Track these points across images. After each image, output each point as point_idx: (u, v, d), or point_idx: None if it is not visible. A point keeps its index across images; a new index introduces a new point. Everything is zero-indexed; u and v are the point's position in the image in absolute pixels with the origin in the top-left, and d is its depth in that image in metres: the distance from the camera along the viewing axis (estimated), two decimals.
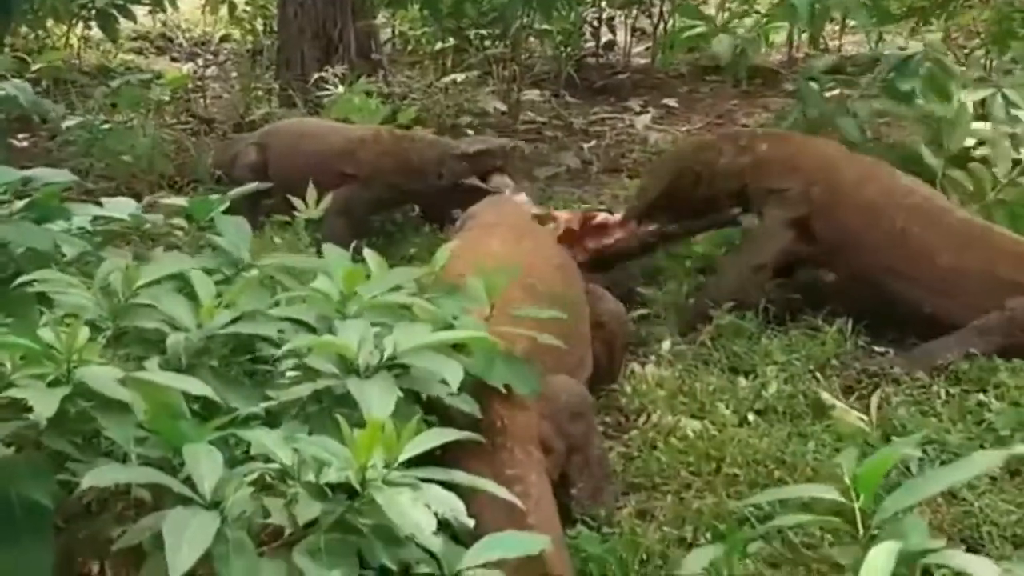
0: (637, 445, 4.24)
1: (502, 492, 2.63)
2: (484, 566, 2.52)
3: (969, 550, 3.45)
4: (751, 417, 4.40)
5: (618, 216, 5.62)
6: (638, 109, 9.19)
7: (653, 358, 4.93)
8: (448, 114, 8.27)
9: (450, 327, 2.95)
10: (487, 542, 2.56)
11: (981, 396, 4.45)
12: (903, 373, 4.62)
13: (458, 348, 2.94)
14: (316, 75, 8.41)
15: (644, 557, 3.59)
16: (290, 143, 6.74)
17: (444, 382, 2.70)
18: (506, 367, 2.98)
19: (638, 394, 4.55)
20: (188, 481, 2.36)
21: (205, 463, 2.34)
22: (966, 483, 3.85)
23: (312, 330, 2.90)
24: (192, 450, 2.36)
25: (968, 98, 6.09)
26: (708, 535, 3.71)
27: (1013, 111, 5.99)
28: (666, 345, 5.06)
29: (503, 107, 8.41)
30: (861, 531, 2.09)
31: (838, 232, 5.17)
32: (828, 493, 2.16)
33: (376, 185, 6.38)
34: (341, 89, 7.76)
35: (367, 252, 3.40)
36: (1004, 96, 6.04)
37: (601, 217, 5.58)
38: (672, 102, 9.38)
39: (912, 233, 5.02)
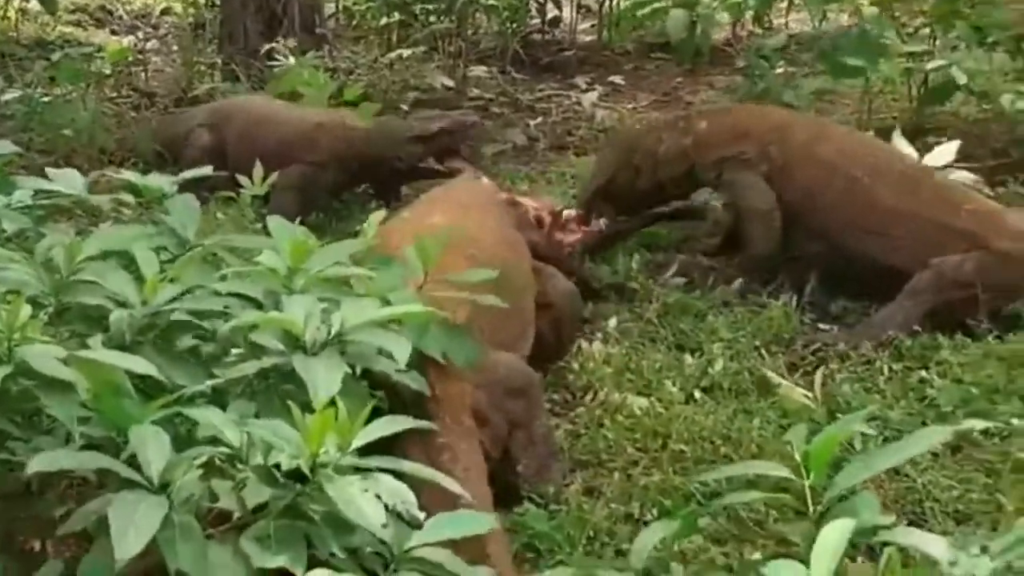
0: (584, 422, 4.25)
1: (444, 480, 2.61)
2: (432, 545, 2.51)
3: (912, 525, 3.49)
4: (697, 394, 4.43)
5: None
6: (584, 86, 9.17)
7: (600, 335, 4.93)
8: (394, 90, 8.20)
9: (386, 299, 2.92)
10: (434, 523, 2.55)
11: (923, 373, 4.50)
12: (848, 348, 4.67)
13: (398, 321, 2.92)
14: (266, 47, 8.30)
15: (591, 534, 3.61)
16: (246, 129, 6.64)
17: (391, 358, 2.69)
18: (442, 336, 2.97)
19: (585, 371, 4.55)
20: (134, 462, 2.32)
21: (152, 445, 2.31)
22: (909, 459, 3.91)
23: (259, 306, 2.87)
24: (139, 432, 2.32)
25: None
26: (655, 511, 3.73)
27: None
28: (612, 322, 5.06)
29: (450, 83, 8.35)
30: (811, 508, 2.10)
31: (797, 191, 5.25)
32: (778, 470, 2.17)
33: (335, 170, 6.37)
34: (292, 61, 7.65)
35: (302, 229, 3.37)
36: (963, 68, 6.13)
37: (567, 213, 5.56)
38: (618, 79, 9.36)
39: (869, 186, 5.09)
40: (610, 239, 5.70)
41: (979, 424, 2.83)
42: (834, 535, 1.69)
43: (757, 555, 3.46)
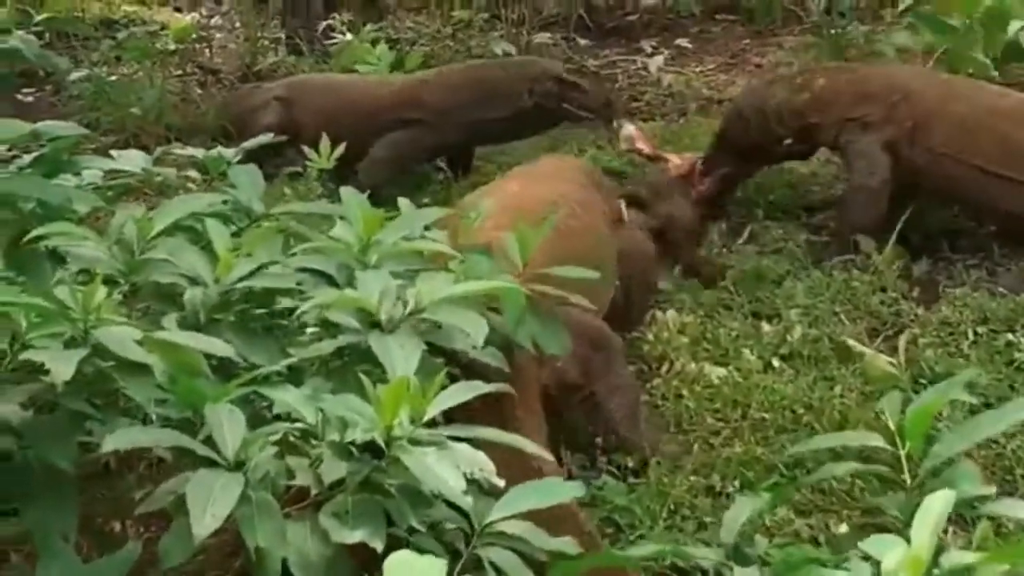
0: (661, 393, 4.18)
1: (526, 444, 2.55)
2: (513, 518, 2.46)
3: (1003, 495, 3.39)
4: (776, 362, 4.34)
5: None
6: (650, 51, 9.05)
7: (674, 304, 4.84)
8: (458, 59, 8.13)
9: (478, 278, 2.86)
10: (515, 493, 2.50)
11: (1010, 336, 4.38)
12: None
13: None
14: (323, 23, 8.27)
15: (672, 507, 3.54)
16: (326, 99, 6.60)
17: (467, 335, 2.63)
18: (535, 323, 2.90)
19: (660, 341, 4.47)
20: (210, 441, 2.29)
21: (227, 424, 2.27)
22: None
23: (332, 281, 2.82)
24: (214, 411, 2.29)
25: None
26: (736, 483, 3.66)
27: None
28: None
29: (513, 50, 8.27)
30: (908, 479, 2.02)
31: (929, 151, 5.11)
32: (872, 439, 2.08)
33: (446, 126, 6.28)
34: (349, 36, 7.62)
35: (400, 200, 3.32)
36: None
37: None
38: (684, 42, 9.22)
39: (1016, 136, 4.97)
40: (726, 185, 5.69)
41: None
42: (936, 507, 1.61)
43: (844, 527, 3.38)
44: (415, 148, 6.28)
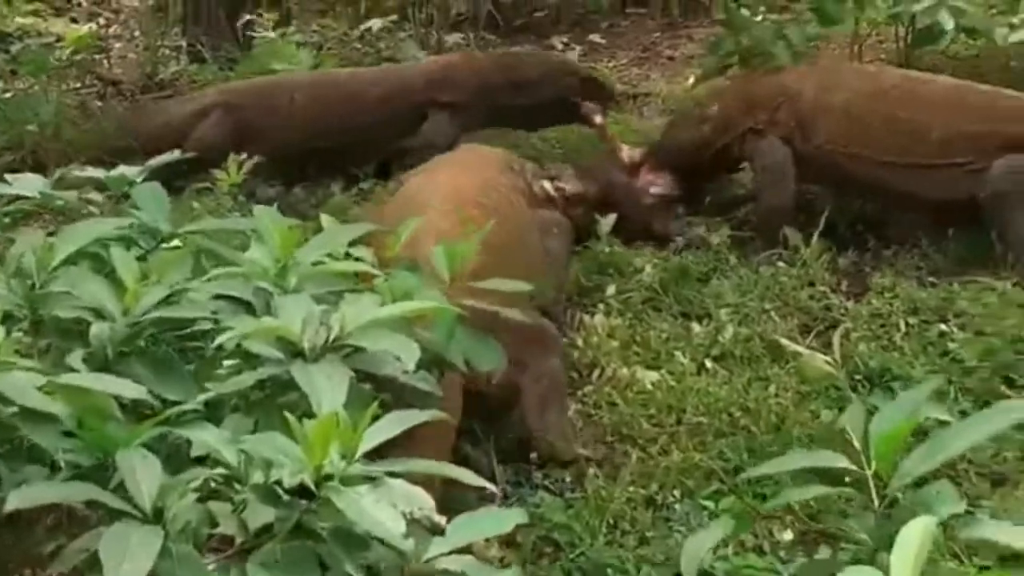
0: (594, 401, 4.08)
1: (468, 477, 2.41)
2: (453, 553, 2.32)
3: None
4: (708, 364, 4.26)
5: None
6: (562, 46, 8.92)
7: (601, 306, 4.73)
8: (368, 62, 7.94)
9: (396, 296, 2.72)
10: (457, 525, 2.36)
11: (942, 326, 4.34)
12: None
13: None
14: (246, 18, 8.04)
15: (611, 521, 3.43)
16: (317, 99, 6.43)
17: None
18: (467, 340, 2.76)
19: (590, 346, 4.37)
20: (124, 490, 2.12)
21: (141, 471, 2.10)
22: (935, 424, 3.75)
23: (249, 307, 2.66)
24: (126, 457, 2.12)
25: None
26: (676, 492, 3.56)
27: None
28: (611, 290, 4.86)
29: (422, 54, 8.10)
30: (876, 500, 1.91)
31: (818, 148, 5.18)
32: (837, 460, 1.98)
33: (476, 109, 6.21)
34: (273, 35, 7.38)
35: (323, 216, 3.18)
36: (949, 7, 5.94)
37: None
38: (596, 37, 9.11)
39: (901, 116, 5.02)
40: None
41: None
42: (916, 538, 1.51)
43: (788, 534, 3.30)
44: (441, 135, 6.14)
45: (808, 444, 3.64)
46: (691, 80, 7.41)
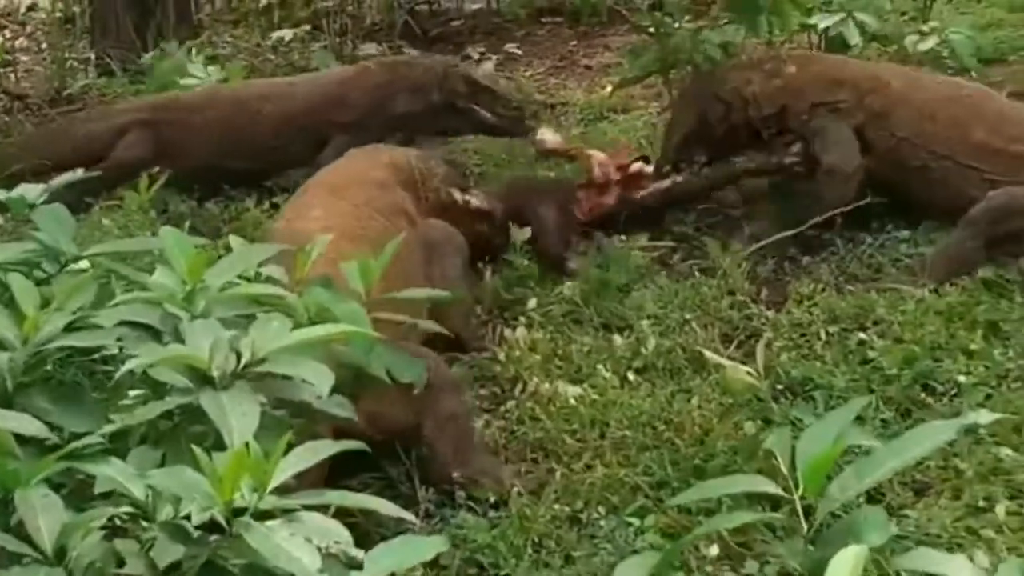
0: (516, 416, 4.01)
1: (387, 508, 2.33)
2: None
3: (870, 501, 3.32)
4: (631, 376, 4.21)
5: (650, 168, 5.59)
6: (478, 56, 8.88)
7: (522, 319, 4.68)
8: (281, 74, 7.82)
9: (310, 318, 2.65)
10: (374, 557, 2.28)
11: (861, 334, 4.33)
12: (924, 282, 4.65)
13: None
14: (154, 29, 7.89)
15: (536, 540, 3.37)
16: (230, 113, 6.24)
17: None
18: (387, 353, 2.69)
19: (512, 361, 4.31)
20: (24, 531, 2.02)
21: (41, 510, 2.01)
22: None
23: (156, 334, 2.56)
24: (25, 496, 2.02)
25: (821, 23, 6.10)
26: (601, 509, 3.51)
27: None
28: (532, 303, 4.80)
29: (337, 65, 7.99)
30: (804, 525, 1.87)
31: (892, 138, 5.19)
32: (763, 485, 1.93)
33: (375, 124, 6.00)
34: (179, 54, 7.23)
35: (231, 238, 3.09)
36: (855, 20, 5.99)
37: (636, 167, 5.52)
38: (512, 47, 9.08)
39: (971, 125, 5.09)
40: (684, 195, 5.61)
41: (984, 417, 2.53)
42: (846, 566, 1.46)
43: (715, 549, 3.25)
44: None
45: (732, 457, 3.62)
46: (608, 88, 7.43)
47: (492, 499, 3.53)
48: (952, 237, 4.82)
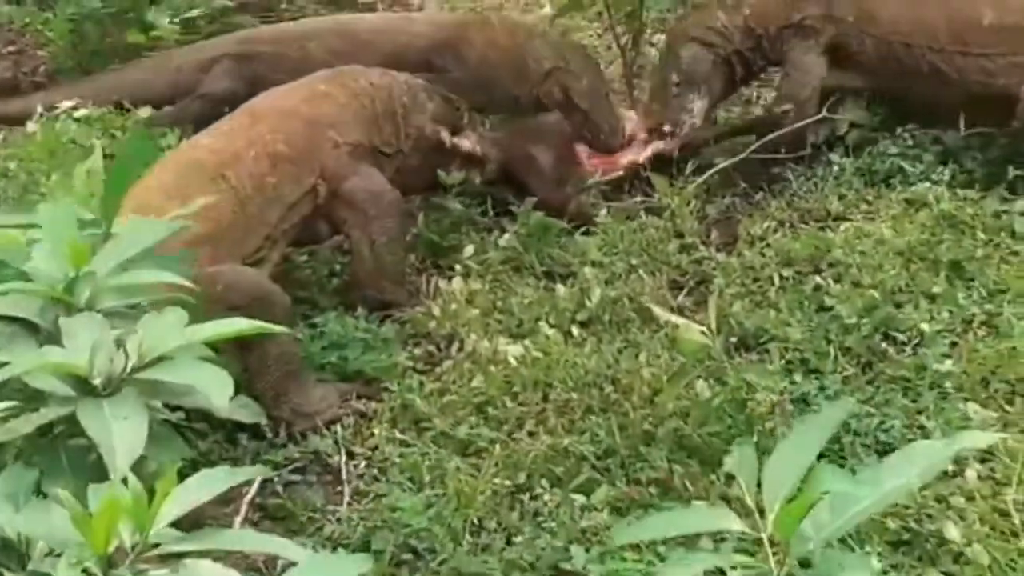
0: (453, 379, 3.74)
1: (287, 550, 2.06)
2: None
3: (832, 462, 3.09)
4: (575, 331, 3.94)
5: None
6: None
7: (459, 269, 4.37)
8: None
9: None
10: None
11: (817, 278, 4.09)
12: None
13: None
14: None
15: (476, 521, 3.13)
16: (338, 45, 5.69)
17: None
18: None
19: (447, 316, 4.03)
20: None
21: None
22: (816, 391, 3.53)
23: (34, 329, 2.25)
24: None
25: None
26: (544, 482, 3.26)
27: None
28: (469, 251, 4.48)
29: None
30: (774, 567, 1.62)
31: (876, 35, 4.95)
32: (729, 522, 1.68)
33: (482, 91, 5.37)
34: None
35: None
36: None
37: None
38: None
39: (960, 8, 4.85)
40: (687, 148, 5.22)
41: (980, 440, 2.26)
42: None
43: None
44: None
45: (683, 420, 3.39)
46: (546, 8, 7.07)
47: (428, 479, 3.27)
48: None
